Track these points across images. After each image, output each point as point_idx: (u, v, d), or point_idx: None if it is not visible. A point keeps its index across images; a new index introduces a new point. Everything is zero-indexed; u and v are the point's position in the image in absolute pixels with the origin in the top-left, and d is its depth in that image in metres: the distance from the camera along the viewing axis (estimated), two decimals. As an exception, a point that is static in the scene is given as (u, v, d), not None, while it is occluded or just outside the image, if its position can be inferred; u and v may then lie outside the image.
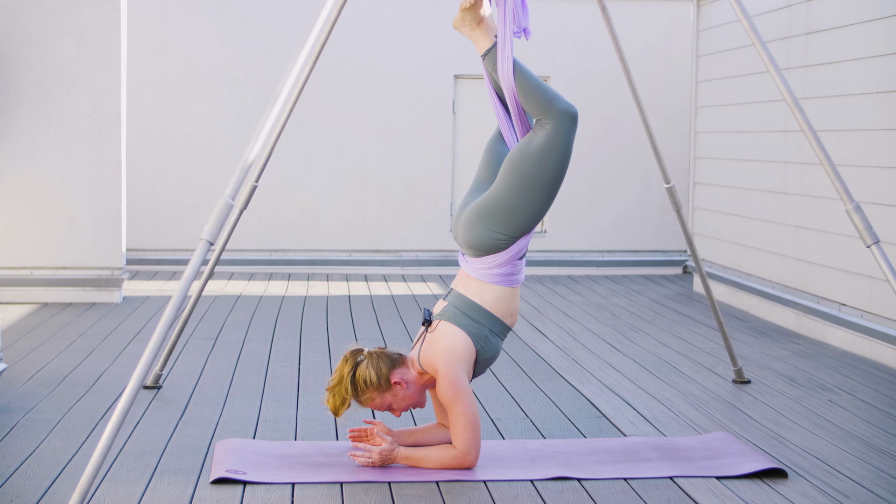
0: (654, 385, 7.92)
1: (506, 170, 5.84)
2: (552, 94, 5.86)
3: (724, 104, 12.20)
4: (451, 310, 5.88)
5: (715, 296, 10.20)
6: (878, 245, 5.99)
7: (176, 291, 5.40)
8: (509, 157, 5.88)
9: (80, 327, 9.77)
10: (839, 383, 8.07)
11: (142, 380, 5.24)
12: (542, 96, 5.85)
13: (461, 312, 5.84)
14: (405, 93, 14.07)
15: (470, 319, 5.82)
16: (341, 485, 5.57)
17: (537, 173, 5.78)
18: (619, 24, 13.58)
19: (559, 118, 5.81)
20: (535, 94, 5.85)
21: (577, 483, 5.65)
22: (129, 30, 13.27)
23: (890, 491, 5.63)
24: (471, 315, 5.83)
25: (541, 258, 14.17)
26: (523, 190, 5.78)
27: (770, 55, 6.38)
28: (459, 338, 5.79)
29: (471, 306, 5.85)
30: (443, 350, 5.76)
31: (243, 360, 8.57)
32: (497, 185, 5.85)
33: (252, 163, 5.92)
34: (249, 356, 8.74)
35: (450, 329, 5.81)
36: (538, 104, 5.84)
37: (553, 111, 5.81)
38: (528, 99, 5.87)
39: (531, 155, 5.79)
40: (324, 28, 7.18)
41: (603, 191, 14.36)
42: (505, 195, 5.79)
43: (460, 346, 5.77)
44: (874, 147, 8.97)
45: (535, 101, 5.85)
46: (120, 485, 5.53)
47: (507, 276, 5.87)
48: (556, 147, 5.79)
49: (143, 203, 13.71)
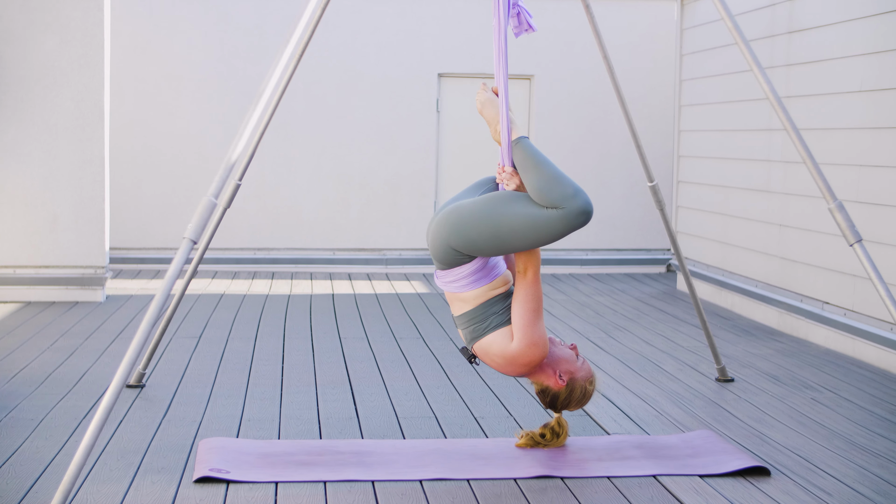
0: (638, 383, 7.93)
1: (498, 204, 5.66)
2: (573, 186, 5.57)
3: (708, 103, 12.22)
4: (468, 333, 5.87)
5: (698, 294, 10.22)
6: (860, 244, 6.01)
7: (159, 290, 5.39)
8: (512, 195, 5.72)
9: (63, 326, 9.74)
10: (822, 381, 8.09)
11: (125, 379, 5.22)
12: (563, 188, 5.57)
13: (474, 326, 5.82)
14: (389, 91, 14.06)
15: (483, 322, 5.80)
16: (324, 483, 5.57)
17: (521, 232, 5.58)
18: (604, 23, 13.59)
19: (577, 215, 5.55)
20: (555, 184, 5.59)
21: (560, 481, 5.65)
22: (113, 28, 13.25)
23: (872, 489, 5.64)
24: (481, 319, 5.81)
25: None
26: (500, 233, 5.61)
27: (753, 54, 6.39)
28: (496, 340, 5.78)
29: (474, 316, 5.82)
30: (498, 354, 5.79)
31: (227, 359, 8.56)
32: (481, 208, 5.68)
33: (236, 161, 5.92)
34: (233, 355, 8.73)
35: (484, 344, 5.81)
36: (559, 194, 5.56)
37: (573, 204, 5.54)
38: (548, 190, 5.58)
39: (529, 214, 5.59)
40: (307, 26, 7.17)
41: (586, 188, 14.36)
42: (481, 220, 5.64)
43: (501, 343, 5.77)
44: (857, 146, 8.99)
45: (556, 191, 5.57)
46: (103, 484, 5.52)
47: (481, 278, 5.81)
48: (554, 228, 5.58)
49: (127, 201, 13.68)
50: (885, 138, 8.64)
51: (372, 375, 8.08)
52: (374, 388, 7.69)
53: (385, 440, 6.35)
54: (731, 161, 11.52)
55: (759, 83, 6.37)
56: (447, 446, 6.23)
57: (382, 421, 6.81)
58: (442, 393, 7.56)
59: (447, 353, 8.88)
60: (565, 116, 14.33)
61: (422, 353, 8.88)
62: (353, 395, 7.44)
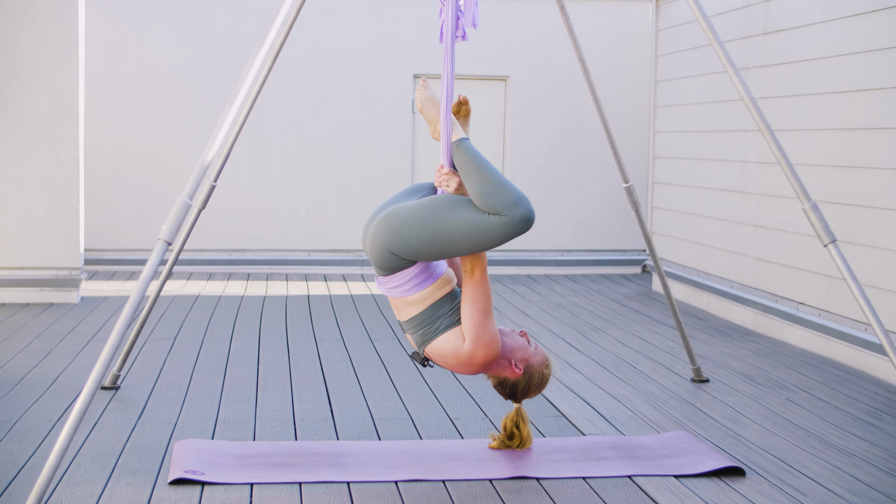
0: (613, 384, 7.94)
1: (439, 208, 5.57)
2: (516, 193, 5.47)
3: (683, 104, 12.24)
4: (417, 337, 5.79)
5: (674, 295, 10.25)
6: (834, 244, 6.02)
7: (134, 291, 5.38)
8: (453, 198, 5.62)
9: (38, 328, 9.71)
10: (797, 382, 8.12)
11: (99, 380, 5.21)
12: (505, 194, 5.46)
13: (424, 329, 5.76)
14: (364, 92, 14.06)
15: (433, 324, 5.75)
16: (300, 485, 5.56)
17: (462, 237, 5.49)
18: (579, 23, 13.62)
19: (519, 223, 5.46)
20: (498, 190, 5.48)
21: (535, 482, 5.66)
22: (88, 28, 13.21)
23: (846, 488, 5.66)
24: (430, 322, 5.76)
25: (500, 258, 14.18)
26: (440, 238, 5.51)
27: (728, 55, 6.40)
28: (448, 342, 5.72)
29: (423, 319, 5.75)
30: (451, 356, 5.72)
31: (202, 361, 8.55)
32: (420, 212, 5.57)
33: (210, 162, 5.90)
34: (208, 356, 8.71)
35: (435, 347, 5.75)
36: (501, 201, 5.45)
37: (516, 212, 5.44)
38: (489, 195, 5.48)
39: (470, 220, 5.48)
40: (283, 27, 7.15)
41: (562, 190, 14.38)
42: (421, 225, 5.53)
43: (453, 344, 5.71)
44: (832, 147, 9.02)
45: (499, 198, 5.46)
46: (77, 486, 5.50)
47: (425, 280, 5.70)
48: (495, 235, 5.47)
49: (102, 203, 13.64)
50: (859, 139, 8.67)
51: (347, 377, 8.07)
52: (349, 389, 7.68)
53: (360, 441, 6.35)
54: (706, 162, 11.55)
55: (733, 84, 6.39)
56: (422, 447, 6.23)
57: (358, 422, 6.80)
58: (417, 394, 7.56)
59: (423, 354, 8.87)
60: (541, 118, 14.34)
61: (397, 355, 8.87)
62: (329, 397, 7.44)
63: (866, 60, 8.59)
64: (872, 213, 8.45)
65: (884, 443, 6.53)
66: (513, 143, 14.18)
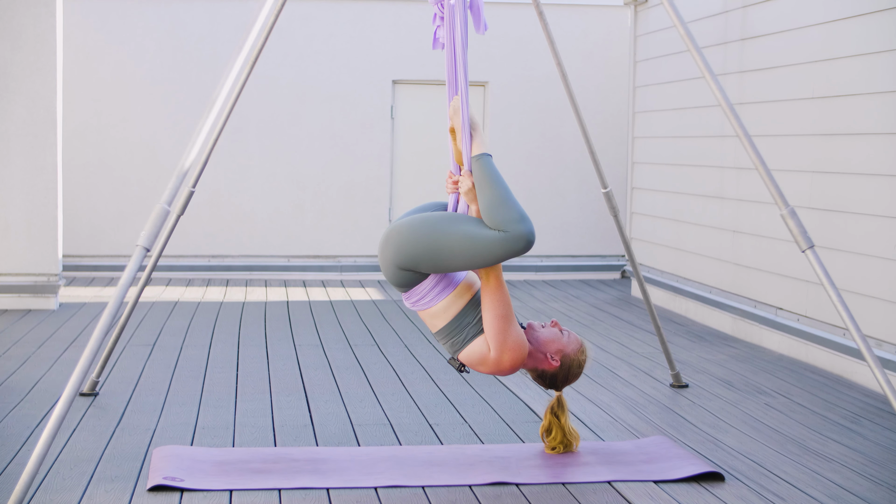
0: (593, 389, 7.95)
1: (441, 222, 5.63)
2: (520, 212, 5.54)
3: (662, 109, 12.27)
4: (449, 347, 5.85)
5: (653, 300, 10.26)
6: (812, 249, 6.04)
7: (112, 297, 5.37)
8: (458, 215, 5.70)
9: (16, 334, 9.67)
10: (775, 387, 8.14)
11: (78, 387, 5.20)
12: (510, 211, 5.54)
13: (452, 340, 5.79)
14: (343, 98, 14.05)
15: (460, 334, 5.77)
16: (279, 491, 5.56)
17: (460, 250, 5.54)
18: (557, 29, 13.64)
19: (518, 240, 5.51)
20: (504, 206, 5.55)
21: (515, 488, 5.66)
22: (65, 34, 13.17)
23: (825, 493, 5.68)
24: (457, 332, 5.77)
25: (480, 263, 14.16)
26: (438, 251, 5.56)
27: (706, 60, 6.42)
28: (476, 350, 5.75)
29: (450, 330, 5.79)
30: (480, 363, 5.77)
31: (181, 367, 8.53)
32: (421, 225, 5.63)
33: (189, 168, 5.90)
34: (187, 363, 8.69)
35: (465, 355, 5.78)
36: (504, 217, 5.53)
37: (516, 229, 5.50)
38: (495, 210, 5.55)
39: (470, 233, 5.54)
40: (261, 33, 7.14)
41: (541, 196, 14.40)
42: (421, 237, 5.59)
43: (481, 352, 5.75)
44: (809, 152, 9.05)
45: (503, 213, 5.53)
46: (56, 493, 5.48)
47: (444, 289, 5.75)
48: (493, 250, 5.52)
49: (80, 209, 13.61)
50: (836, 145, 8.70)
51: (327, 382, 8.06)
52: (328, 395, 7.67)
53: (340, 447, 6.35)
54: (684, 167, 11.58)
55: (711, 90, 6.41)
56: (402, 453, 6.23)
57: (337, 428, 6.80)
58: (397, 400, 7.55)
59: (402, 361, 8.87)
60: (519, 123, 14.35)
61: (377, 360, 8.87)
62: (308, 403, 7.43)
63: (844, 66, 8.62)
64: (850, 219, 8.48)
65: (862, 447, 6.55)
66: (491, 149, 14.19)
